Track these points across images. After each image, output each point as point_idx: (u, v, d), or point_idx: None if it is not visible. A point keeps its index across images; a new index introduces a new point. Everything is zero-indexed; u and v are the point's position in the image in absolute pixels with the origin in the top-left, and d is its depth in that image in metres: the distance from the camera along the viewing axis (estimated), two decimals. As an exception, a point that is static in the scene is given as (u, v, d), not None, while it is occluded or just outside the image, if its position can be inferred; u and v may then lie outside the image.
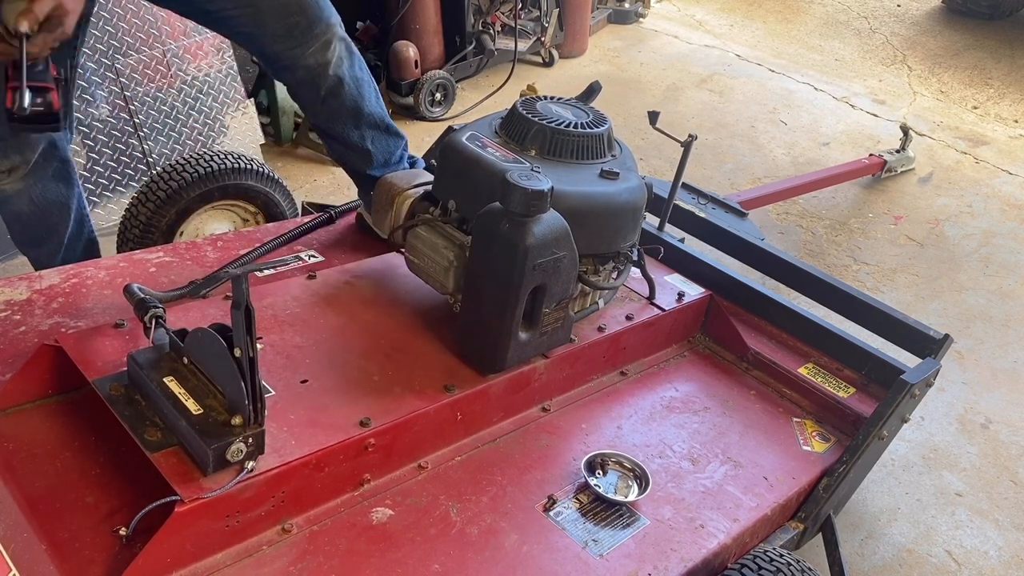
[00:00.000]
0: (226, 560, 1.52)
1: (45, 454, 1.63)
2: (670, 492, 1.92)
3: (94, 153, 3.53)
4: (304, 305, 2.04)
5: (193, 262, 2.29)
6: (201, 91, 3.92)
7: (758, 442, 2.15)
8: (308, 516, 1.64)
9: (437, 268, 1.99)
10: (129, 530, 1.46)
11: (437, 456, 1.86)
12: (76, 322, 1.96)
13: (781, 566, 1.69)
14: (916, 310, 3.71)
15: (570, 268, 1.86)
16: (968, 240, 4.36)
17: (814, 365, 2.40)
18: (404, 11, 4.83)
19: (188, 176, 2.52)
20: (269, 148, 4.44)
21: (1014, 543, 2.63)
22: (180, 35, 3.80)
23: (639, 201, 2.08)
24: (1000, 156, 5.32)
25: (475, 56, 5.29)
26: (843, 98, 5.92)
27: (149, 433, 1.54)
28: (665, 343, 2.44)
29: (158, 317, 1.76)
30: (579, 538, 1.73)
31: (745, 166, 4.85)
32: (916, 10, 7.81)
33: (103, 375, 1.66)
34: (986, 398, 3.24)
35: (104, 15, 3.49)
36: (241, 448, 1.48)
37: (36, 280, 2.09)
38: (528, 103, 2.12)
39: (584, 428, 2.06)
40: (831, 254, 4.10)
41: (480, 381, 1.90)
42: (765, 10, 7.60)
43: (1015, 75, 6.57)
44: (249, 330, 1.39)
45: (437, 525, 1.69)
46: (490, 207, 1.80)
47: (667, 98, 5.64)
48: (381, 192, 2.34)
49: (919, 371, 2.16)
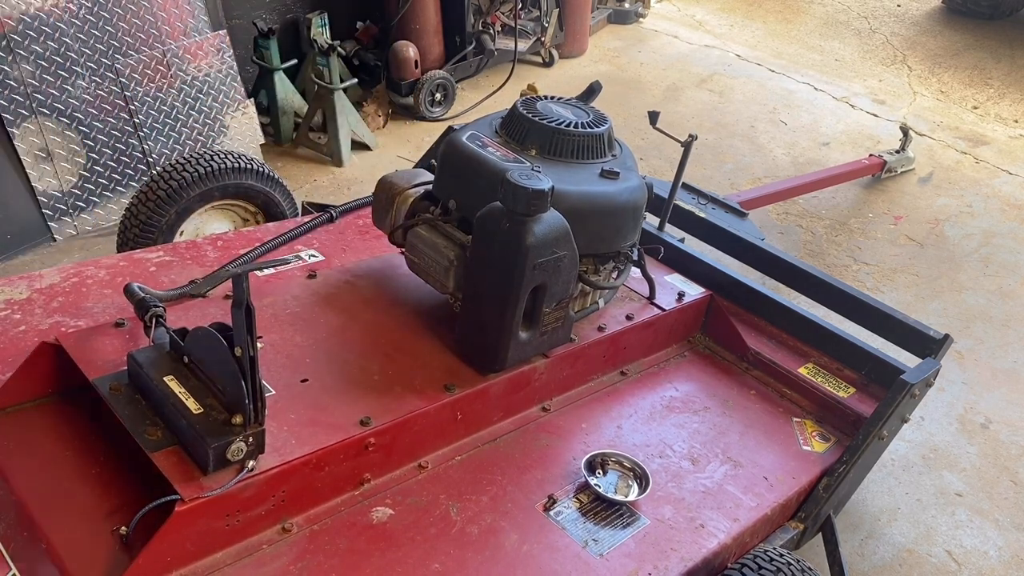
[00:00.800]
0: (226, 559, 1.52)
1: (45, 453, 1.63)
2: (670, 492, 1.92)
3: (94, 153, 3.53)
4: (304, 304, 2.04)
5: (193, 261, 2.28)
6: (201, 91, 3.92)
7: (758, 442, 2.15)
8: (308, 515, 1.64)
9: (437, 267, 1.98)
10: (129, 529, 1.46)
11: (437, 455, 1.86)
12: (76, 321, 1.96)
13: (781, 566, 1.69)
14: (916, 310, 3.71)
15: (570, 268, 1.86)
16: (968, 240, 4.36)
17: (814, 365, 2.40)
18: (404, 11, 4.83)
19: (188, 175, 2.52)
20: (269, 148, 4.44)
21: (1014, 543, 2.63)
22: (180, 35, 3.80)
23: (639, 201, 2.08)
24: (1000, 156, 5.32)
25: (475, 56, 5.29)
26: (843, 98, 5.92)
27: (149, 432, 1.54)
28: (665, 343, 2.44)
29: (158, 316, 1.76)
30: (579, 538, 1.73)
31: (745, 166, 4.86)
32: (916, 10, 7.81)
33: (103, 374, 1.66)
34: (986, 398, 3.24)
35: (104, 15, 3.49)
36: (241, 447, 1.48)
37: (36, 279, 2.09)
38: (528, 103, 2.12)
39: (584, 428, 2.06)
40: (831, 254, 4.10)
41: (480, 381, 1.90)
42: (765, 10, 7.60)
43: (1015, 75, 6.57)
44: (250, 329, 1.39)
45: (437, 524, 1.69)
46: (491, 206, 1.80)
47: (667, 98, 5.64)
48: (381, 191, 2.34)
49: (919, 371, 2.16)
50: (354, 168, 4.33)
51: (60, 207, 3.46)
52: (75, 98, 3.44)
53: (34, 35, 3.27)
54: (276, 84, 4.37)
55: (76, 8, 3.40)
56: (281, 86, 4.40)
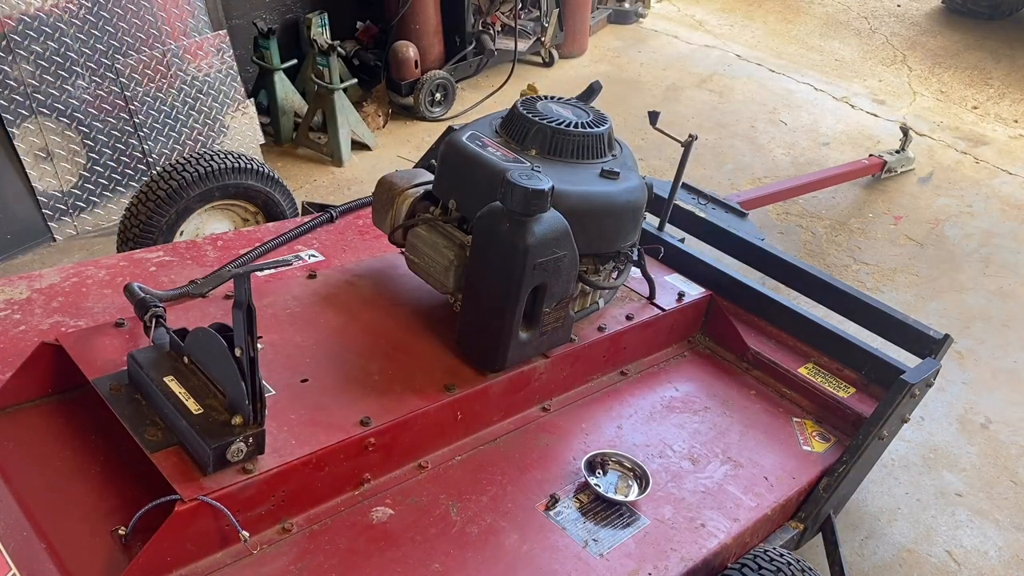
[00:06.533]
0: (226, 559, 1.52)
1: (45, 453, 1.63)
2: (670, 492, 1.92)
3: (94, 153, 3.53)
4: (304, 304, 2.04)
5: (193, 261, 2.28)
6: (201, 91, 3.91)
7: (758, 442, 2.15)
8: (308, 515, 1.64)
9: (437, 267, 1.98)
10: (128, 529, 1.46)
11: (437, 455, 1.86)
12: (76, 321, 1.96)
13: (781, 566, 1.69)
14: (916, 310, 3.71)
15: (570, 268, 1.86)
16: (968, 240, 4.36)
17: (814, 365, 2.40)
18: (404, 11, 4.83)
19: (188, 175, 2.52)
20: (269, 148, 4.44)
21: (1014, 543, 2.63)
22: (180, 35, 3.80)
23: (639, 201, 2.08)
24: (1000, 156, 5.32)
25: (475, 56, 5.29)
26: (843, 98, 5.92)
27: (149, 432, 1.54)
28: (665, 343, 2.44)
29: (158, 316, 1.76)
30: (579, 537, 1.73)
31: (745, 166, 4.85)
32: (916, 10, 7.81)
33: (103, 374, 1.66)
34: (986, 398, 3.24)
35: (104, 15, 3.49)
36: (241, 448, 1.48)
37: (36, 279, 2.09)
38: (528, 103, 2.11)
39: (584, 428, 2.06)
40: (831, 254, 4.10)
41: (480, 380, 1.90)
42: (765, 10, 7.60)
43: (1015, 75, 6.57)
44: (250, 329, 1.39)
45: (437, 524, 1.69)
46: (491, 206, 1.80)
47: (667, 98, 5.64)
48: (381, 191, 2.34)
49: (919, 371, 2.16)
50: (354, 168, 4.33)
51: (60, 207, 3.46)
52: (75, 98, 3.44)
53: (34, 35, 3.27)
54: (276, 84, 4.37)
55: (76, 8, 3.40)
56: (281, 86, 4.40)
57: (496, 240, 1.77)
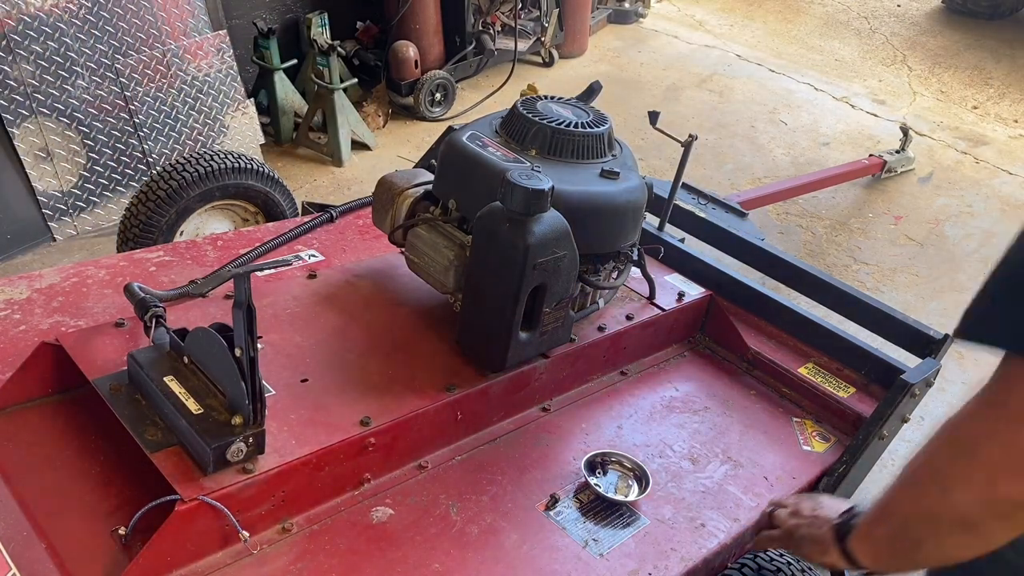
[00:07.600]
0: (226, 559, 1.52)
1: (45, 453, 1.63)
2: (670, 492, 1.92)
3: (94, 153, 3.53)
4: (305, 304, 2.04)
5: (193, 261, 2.28)
6: (201, 91, 3.92)
7: (758, 442, 2.15)
8: (308, 515, 1.64)
9: (437, 267, 1.98)
10: (128, 529, 1.46)
11: (437, 455, 1.86)
12: (76, 321, 1.96)
13: (781, 566, 1.69)
14: (916, 310, 3.71)
15: (570, 268, 1.86)
16: (968, 240, 4.36)
17: (814, 365, 2.40)
18: (404, 11, 4.83)
19: (188, 175, 2.52)
20: (269, 148, 4.44)
21: (1014, 543, 2.63)
22: (180, 35, 3.80)
23: (639, 201, 2.08)
24: (1000, 156, 5.32)
25: (475, 56, 5.29)
26: (843, 98, 5.93)
27: (149, 432, 1.54)
28: (665, 343, 2.44)
29: (158, 316, 1.76)
30: (579, 538, 1.73)
31: (745, 166, 4.85)
32: (916, 10, 7.81)
33: (103, 374, 1.66)
34: (986, 398, 3.23)
35: (104, 15, 3.49)
36: (241, 448, 1.48)
37: (36, 279, 2.09)
38: (528, 103, 2.11)
39: (584, 428, 2.06)
40: (831, 254, 4.10)
41: (480, 380, 1.90)
42: (765, 10, 7.60)
43: (1015, 75, 6.57)
44: (250, 329, 1.39)
45: (437, 524, 1.69)
46: (491, 206, 1.80)
47: (667, 98, 5.64)
48: (381, 191, 2.34)
49: (919, 371, 2.16)
50: (354, 168, 4.33)
51: (60, 207, 3.46)
52: (75, 98, 3.44)
53: (34, 35, 3.27)
54: (276, 84, 4.37)
55: (76, 8, 3.40)
56: (281, 86, 4.41)
57: (496, 240, 1.77)
